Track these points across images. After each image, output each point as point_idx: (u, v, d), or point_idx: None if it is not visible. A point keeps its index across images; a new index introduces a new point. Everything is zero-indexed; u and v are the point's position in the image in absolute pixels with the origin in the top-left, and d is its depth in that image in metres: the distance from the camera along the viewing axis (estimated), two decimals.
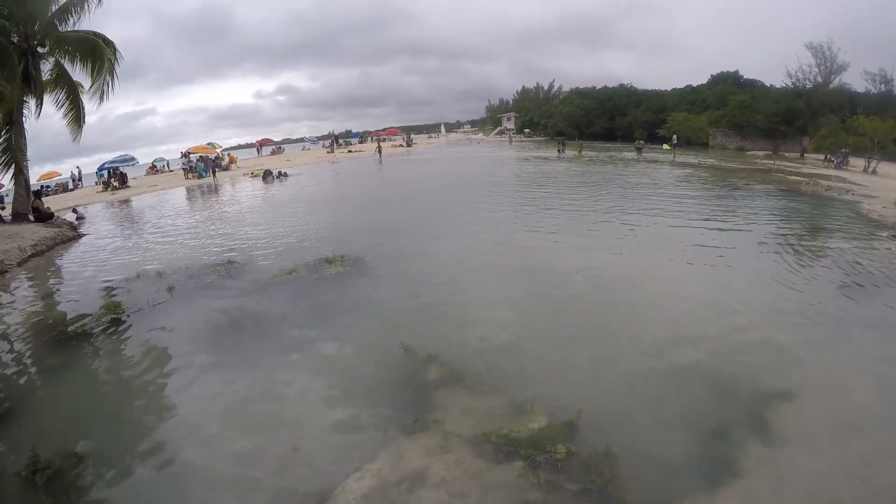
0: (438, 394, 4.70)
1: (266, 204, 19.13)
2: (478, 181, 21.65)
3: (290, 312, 7.02)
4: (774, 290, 7.38)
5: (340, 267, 8.76)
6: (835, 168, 28.76)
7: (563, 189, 18.73)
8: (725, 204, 15.28)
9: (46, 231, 14.48)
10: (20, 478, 3.87)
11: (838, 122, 36.13)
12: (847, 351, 5.57)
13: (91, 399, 5.30)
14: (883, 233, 11.11)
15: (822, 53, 46.46)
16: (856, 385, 4.87)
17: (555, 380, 4.96)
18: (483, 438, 3.95)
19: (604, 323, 6.27)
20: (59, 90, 16.90)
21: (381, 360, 5.45)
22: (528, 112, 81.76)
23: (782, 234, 10.95)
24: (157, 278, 8.99)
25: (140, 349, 6.18)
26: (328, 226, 13.21)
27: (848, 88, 45.90)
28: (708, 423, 4.20)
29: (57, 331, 6.95)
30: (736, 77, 57.52)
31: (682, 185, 19.68)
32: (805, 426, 4.20)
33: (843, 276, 8.01)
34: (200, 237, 13.01)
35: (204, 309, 7.27)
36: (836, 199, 16.51)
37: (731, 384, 4.80)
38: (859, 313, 6.58)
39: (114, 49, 16.76)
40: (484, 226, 12.02)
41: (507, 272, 8.40)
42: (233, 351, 5.91)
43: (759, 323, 6.21)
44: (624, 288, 7.48)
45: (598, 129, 62.55)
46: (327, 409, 4.64)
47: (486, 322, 6.35)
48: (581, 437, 3.98)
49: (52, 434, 4.55)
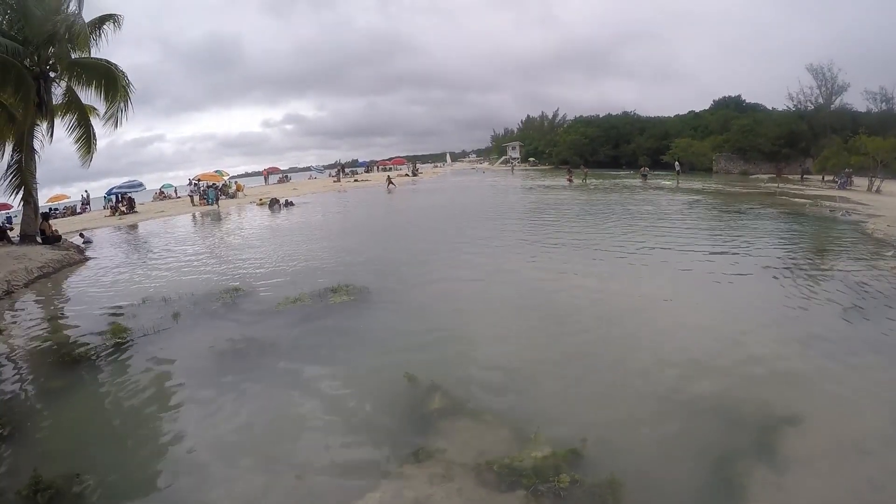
0: (441, 423, 4.66)
1: (271, 232, 19.27)
2: (483, 212, 21.74)
3: (295, 341, 7.01)
4: (780, 314, 7.34)
5: (345, 296, 8.77)
6: (839, 188, 28.80)
7: (568, 218, 18.82)
8: (730, 229, 15.30)
9: (54, 253, 14.64)
10: (21, 497, 3.87)
11: (841, 143, 36.28)
12: (854, 373, 5.51)
13: (94, 423, 5.30)
14: (888, 252, 11.07)
15: (823, 75, 46.99)
16: (863, 407, 4.81)
17: (559, 409, 4.93)
18: (486, 467, 3.91)
19: (609, 351, 6.23)
20: (70, 115, 17.19)
21: (384, 389, 5.43)
22: (532, 141, 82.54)
23: (788, 258, 10.93)
24: (163, 304, 9.03)
25: (144, 375, 6.18)
26: (332, 255, 13.26)
27: (849, 108, 46.24)
28: (714, 450, 4.14)
29: (61, 353, 7.00)
30: (738, 101, 58.07)
31: (686, 211, 19.72)
32: (813, 450, 4.13)
33: (849, 298, 7.96)
34: (206, 264, 13.09)
35: (209, 336, 7.28)
36: (840, 220, 16.50)
37: (737, 410, 4.73)
38: (866, 335, 6.53)
39: (125, 77, 17.14)
40: (487, 256, 12.03)
41: (512, 302, 8.39)
42: (236, 379, 5.90)
43: (765, 348, 6.16)
44: (629, 316, 7.44)
45: (603, 156, 62.89)
46: (330, 437, 4.61)
47: (490, 351, 6.33)
48: (585, 465, 3.93)
49: (54, 455, 4.55)
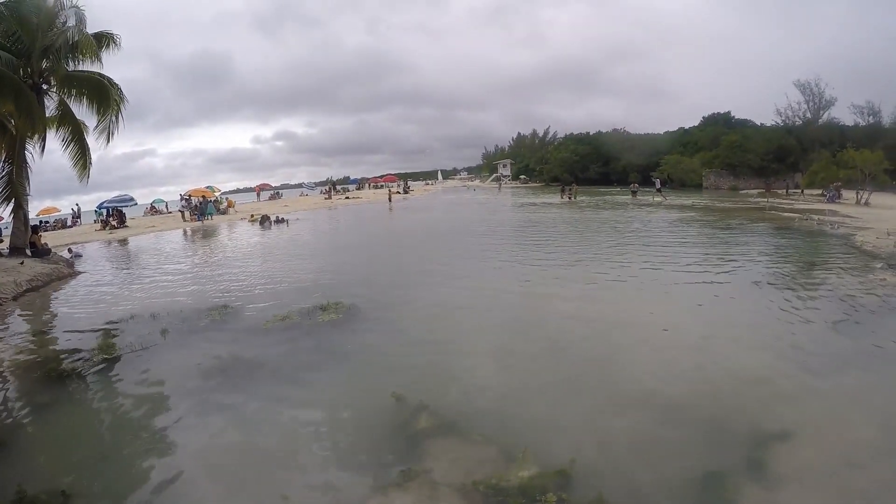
0: (428, 443, 4.62)
1: (262, 249, 19.27)
2: (473, 230, 21.86)
3: (282, 359, 6.95)
4: (769, 329, 7.35)
5: (334, 314, 8.73)
6: (827, 202, 29.13)
7: (556, 235, 18.95)
8: (719, 244, 15.42)
9: (43, 267, 14.55)
10: None
11: (829, 157, 36.82)
12: (843, 387, 5.53)
13: (80, 439, 5.22)
14: (877, 264, 11.16)
15: (810, 90, 48.09)
16: (853, 420, 4.82)
17: (547, 428, 4.89)
18: (472, 487, 3.86)
19: (597, 371, 6.20)
20: (63, 129, 17.15)
21: (370, 408, 5.38)
22: (523, 159, 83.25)
23: (776, 272, 10.99)
24: (151, 320, 8.96)
25: (131, 392, 6.12)
26: (322, 273, 13.25)
27: (837, 123, 47.17)
28: (703, 468, 4.11)
29: (48, 368, 6.92)
30: (727, 118, 58.97)
31: (675, 227, 19.85)
32: (803, 464, 4.13)
33: (838, 311, 8.00)
34: (195, 280, 13.05)
35: (196, 354, 7.21)
36: (829, 233, 16.65)
37: (726, 426, 4.72)
38: (855, 347, 6.56)
39: (119, 90, 17.18)
40: (477, 275, 12.03)
41: (501, 321, 8.36)
42: (223, 398, 5.83)
43: (754, 363, 6.16)
44: (617, 335, 7.42)
45: (593, 174, 63.60)
46: (316, 457, 4.56)
47: (478, 371, 6.28)
48: (573, 485, 3.89)
49: (39, 471, 4.50)
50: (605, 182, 60.66)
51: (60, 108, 17.06)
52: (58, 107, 17.06)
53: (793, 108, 49.97)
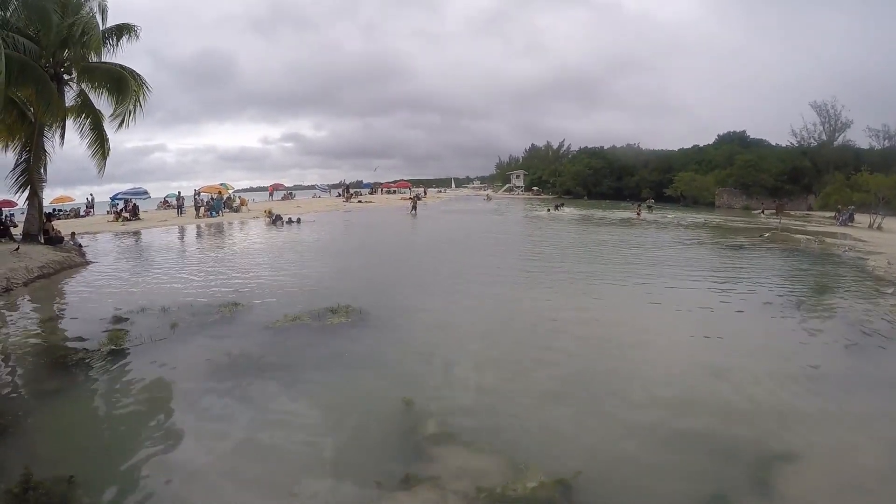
0: (435, 450, 4.61)
1: (273, 248, 19.30)
2: (487, 239, 21.97)
3: (291, 359, 6.97)
4: (778, 351, 7.31)
5: (344, 317, 8.73)
6: (840, 225, 28.89)
7: (571, 249, 18.95)
8: (730, 265, 15.27)
9: (55, 254, 14.66)
10: (12, 495, 3.85)
11: (843, 179, 36.52)
12: (851, 411, 5.50)
13: (86, 427, 5.27)
14: (888, 289, 11.05)
15: (826, 112, 47.69)
16: (861, 445, 4.79)
17: (553, 440, 4.88)
18: (476, 495, 3.87)
19: (605, 385, 6.17)
20: (82, 119, 17.35)
21: (378, 413, 5.38)
22: (536, 170, 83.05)
23: (787, 294, 10.89)
24: (161, 313, 9.02)
25: (139, 383, 6.16)
26: (333, 275, 13.30)
27: (852, 145, 46.80)
28: (709, 486, 4.09)
29: (57, 355, 7.00)
30: (742, 137, 58.69)
31: (686, 246, 19.70)
32: (809, 487, 4.10)
33: (848, 335, 7.94)
34: (206, 275, 13.12)
35: (205, 349, 7.25)
36: (840, 257, 16.51)
37: (733, 446, 4.70)
38: (864, 372, 6.53)
39: (141, 82, 17.39)
40: (489, 284, 11.95)
41: (511, 331, 8.33)
42: (230, 395, 5.86)
43: (763, 384, 6.12)
44: (626, 351, 7.39)
45: (606, 188, 63.31)
46: (322, 459, 4.56)
47: (487, 380, 6.27)
48: (577, 497, 3.88)
49: (46, 456, 4.54)
50: (618, 197, 60.34)
51: (80, 98, 17.27)
52: (77, 96, 17.28)
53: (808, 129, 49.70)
